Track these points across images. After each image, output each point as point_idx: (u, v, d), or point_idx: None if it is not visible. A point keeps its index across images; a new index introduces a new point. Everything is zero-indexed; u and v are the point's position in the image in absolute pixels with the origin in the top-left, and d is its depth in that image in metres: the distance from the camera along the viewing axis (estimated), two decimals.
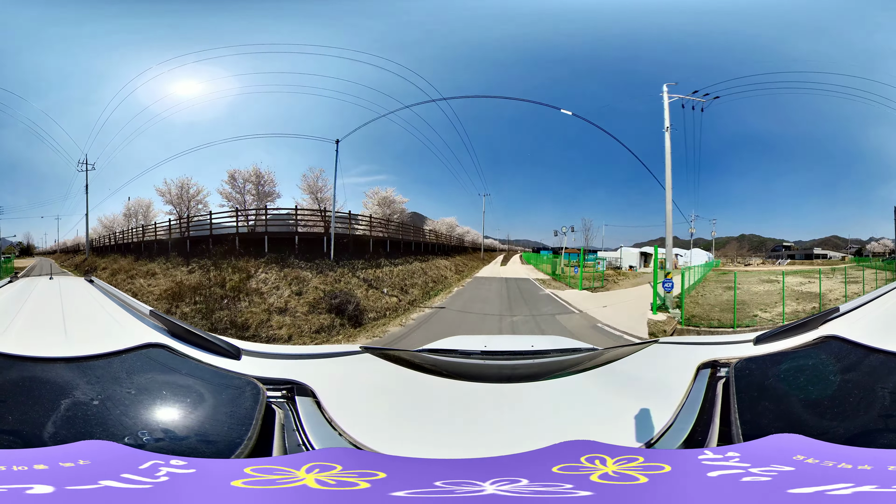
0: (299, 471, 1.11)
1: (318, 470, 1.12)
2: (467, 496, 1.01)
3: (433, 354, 2.56)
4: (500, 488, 1.04)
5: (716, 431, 1.48)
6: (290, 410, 1.64)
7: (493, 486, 1.05)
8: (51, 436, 1.30)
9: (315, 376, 1.84)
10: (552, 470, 1.13)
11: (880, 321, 1.89)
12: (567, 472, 1.12)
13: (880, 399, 1.43)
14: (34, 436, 1.29)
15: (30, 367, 1.51)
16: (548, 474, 1.11)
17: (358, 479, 1.08)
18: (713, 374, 1.78)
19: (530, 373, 2.43)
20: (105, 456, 1.16)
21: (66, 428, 1.32)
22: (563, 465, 1.15)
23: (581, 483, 1.06)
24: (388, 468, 1.16)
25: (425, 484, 1.06)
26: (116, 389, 1.50)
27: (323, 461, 1.18)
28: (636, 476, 1.09)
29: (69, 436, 1.28)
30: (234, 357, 1.88)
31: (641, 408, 1.64)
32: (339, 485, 1.06)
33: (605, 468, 1.13)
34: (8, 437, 1.28)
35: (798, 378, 1.60)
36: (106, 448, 1.21)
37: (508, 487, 1.04)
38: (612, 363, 2.29)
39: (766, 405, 1.49)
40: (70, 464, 1.09)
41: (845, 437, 1.31)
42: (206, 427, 1.42)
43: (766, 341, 1.94)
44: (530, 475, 1.10)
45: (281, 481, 1.06)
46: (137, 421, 1.40)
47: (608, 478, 1.09)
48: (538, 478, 1.09)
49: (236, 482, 1.04)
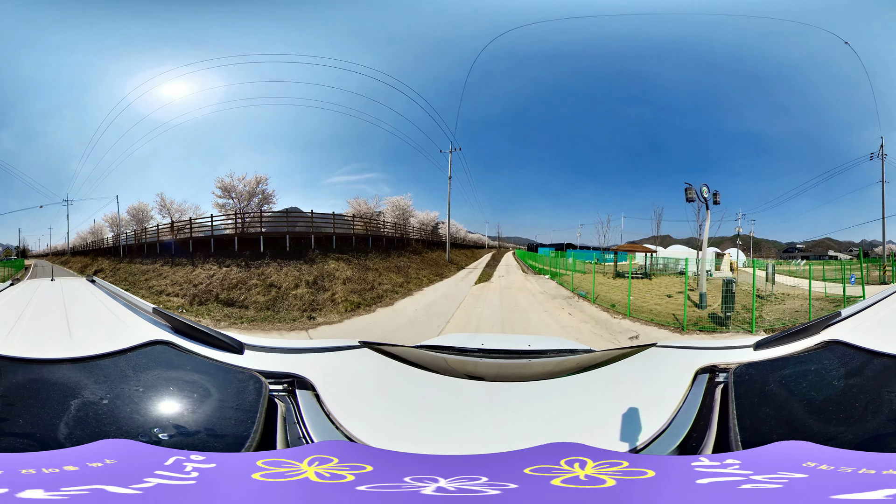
0: (302, 463, 1.15)
1: (318, 463, 1.15)
2: (411, 492, 1.04)
3: (430, 351, 2.54)
4: (452, 484, 1.06)
5: (712, 438, 1.43)
6: (290, 403, 1.66)
7: (447, 482, 1.07)
8: (66, 437, 1.30)
9: (314, 370, 1.85)
10: (524, 471, 1.12)
11: (882, 325, 1.86)
12: (536, 473, 1.11)
13: (888, 403, 1.40)
14: (49, 438, 1.29)
15: (36, 370, 1.52)
16: (514, 475, 1.10)
17: (347, 472, 1.11)
18: (711, 380, 1.75)
19: (526, 372, 2.40)
20: (129, 454, 1.17)
21: (79, 428, 1.33)
22: (536, 466, 1.14)
23: (536, 485, 1.05)
24: (376, 461, 1.18)
25: (396, 479, 1.08)
26: (124, 388, 1.51)
27: (322, 454, 1.21)
28: (605, 480, 1.06)
29: (84, 436, 1.29)
30: (237, 351, 1.90)
31: (635, 411, 1.60)
32: (332, 477, 1.09)
33: (580, 472, 1.11)
34: (23, 440, 1.28)
35: (800, 383, 1.56)
36: (126, 446, 1.22)
37: (457, 485, 1.06)
38: (609, 365, 2.24)
39: (767, 411, 1.44)
40: (98, 463, 1.10)
41: (855, 443, 1.27)
42: (215, 421, 1.45)
43: (766, 346, 1.91)
44: (492, 474, 1.10)
45: (288, 474, 1.09)
46: (148, 418, 1.42)
47: (574, 482, 1.07)
48: (500, 477, 1.09)
49: (256, 475, 1.08)
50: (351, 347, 2.31)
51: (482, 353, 2.63)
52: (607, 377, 2.14)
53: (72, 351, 1.62)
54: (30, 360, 1.55)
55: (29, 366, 1.53)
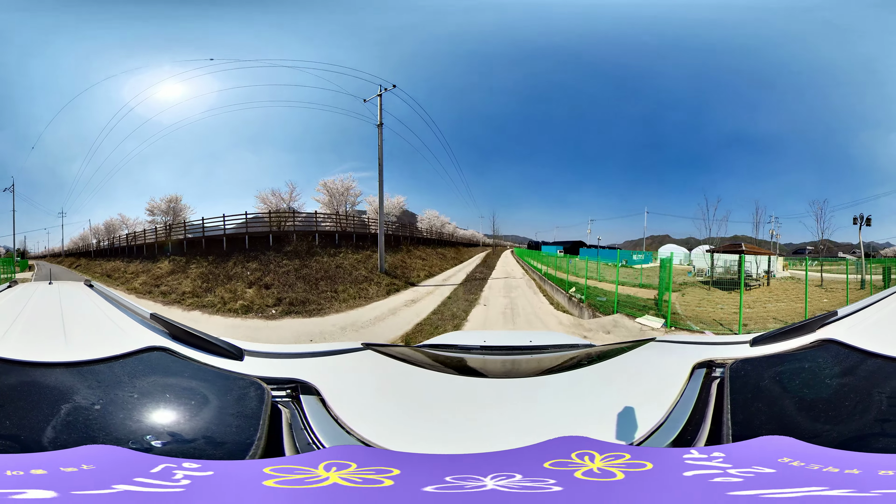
0: (318, 469, 1.12)
1: (336, 468, 1.13)
2: (473, 492, 1.04)
3: (433, 350, 2.57)
4: (499, 483, 1.06)
5: (706, 431, 1.48)
6: (295, 409, 1.64)
7: (493, 482, 1.07)
8: (50, 441, 1.28)
9: (318, 374, 1.84)
10: (544, 465, 1.15)
11: (878, 326, 1.88)
12: (557, 467, 1.14)
13: (877, 403, 1.44)
14: (33, 441, 1.28)
15: (29, 372, 1.49)
16: (540, 470, 1.13)
17: (379, 477, 1.09)
18: (708, 374, 1.79)
19: (528, 368, 2.44)
20: (111, 460, 1.15)
21: (66, 433, 1.31)
22: (554, 460, 1.17)
23: (565, 479, 1.08)
24: (401, 465, 1.17)
25: (438, 480, 1.08)
26: (118, 394, 1.48)
27: (337, 459, 1.18)
28: (615, 473, 1.10)
29: (70, 440, 1.27)
30: (236, 358, 1.86)
31: (634, 405, 1.64)
32: (364, 482, 1.07)
33: (592, 465, 1.14)
34: (5, 441, 1.27)
35: (793, 381, 1.60)
36: (110, 452, 1.20)
37: (505, 482, 1.07)
38: (608, 360, 2.29)
39: (760, 407, 1.48)
40: (72, 468, 1.07)
41: (838, 441, 1.30)
42: (213, 429, 1.42)
43: (762, 343, 1.94)
44: (523, 470, 1.13)
45: (307, 480, 1.07)
46: (142, 425, 1.39)
47: (592, 474, 1.10)
48: (530, 473, 1.11)
49: (268, 482, 1.05)
50: (354, 350, 2.31)
51: (485, 350, 2.68)
52: (608, 371, 2.18)
53: (66, 355, 1.60)
54: (23, 363, 1.52)
55: (22, 368, 1.50)
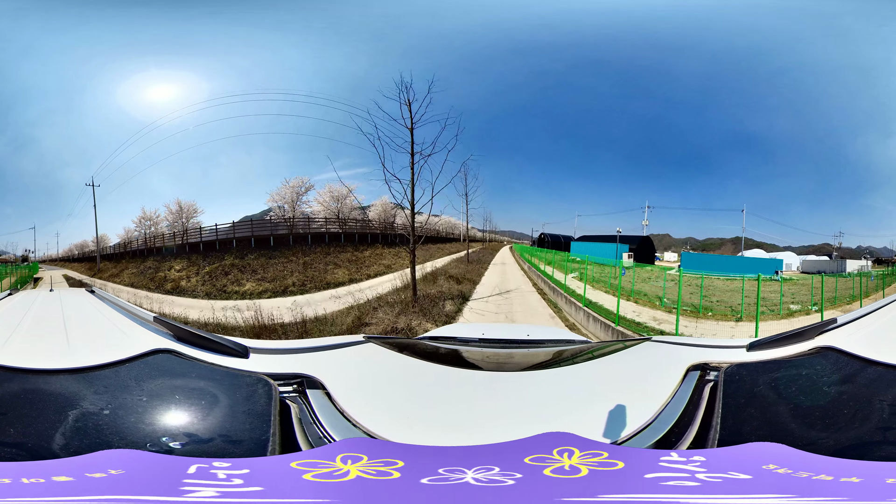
0: (336, 462, 1.13)
1: (351, 461, 1.13)
2: (452, 484, 1.05)
3: (433, 342, 2.58)
4: (475, 476, 1.08)
5: (692, 434, 1.46)
6: (303, 404, 1.65)
7: (472, 474, 1.09)
8: (61, 447, 1.26)
9: (323, 368, 1.84)
10: (524, 461, 1.15)
11: (879, 333, 1.85)
12: (535, 462, 1.14)
13: (878, 411, 1.41)
14: (41, 447, 1.25)
15: (32, 380, 1.47)
16: (517, 464, 1.13)
17: (388, 469, 1.10)
18: (702, 377, 1.76)
19: (523, 361, 2.44)
20: (138, 464, 1.12)
21: (78, 439, 1.28)
22: (534, 455, 1.17)
23: (532, 474, 1.08)
24: (404, 456, 1.18)
25: (433, 472, 1.09)
26: (126, 398, 1.47)
27: (350, 451, 1.19)
28: (581, 470, 1.10)
29: (83, 446, 1.25)
30: (242, 356, 1.87)
31: (625, 404, 1.62)
32: (378, 474, 1.08)
33: (567, 461, 1.14)
34: (10, 449, 1.24)
35: (789, 387, 1.57)
36: (133, 456, 1.17)
37: (482, 475, 1.08)
38: (603, 358, 2.27)
39: (752, 412, 1.46)
40: (101, 474, 1.04)
41: (834, 449, 1.28)
42: (228, 427, 1.42)
43: (759, 348, 1.91)
44: (502, 464, 1.13)
45: (335, 474, 1.07)
46: (156, 427, 1.38)
47: (560, 471, 1.10)
48: (507, 467, 1.11)
49: (307, 476, 1.05)
50: (356, 343, 2.32)
51: (483, 342, 2.68)
52: (602, 368, 2.18)
53: (70, 361, 1.58)
54: (26, 371, 1.50)
55: (24, 376, 1.48)
